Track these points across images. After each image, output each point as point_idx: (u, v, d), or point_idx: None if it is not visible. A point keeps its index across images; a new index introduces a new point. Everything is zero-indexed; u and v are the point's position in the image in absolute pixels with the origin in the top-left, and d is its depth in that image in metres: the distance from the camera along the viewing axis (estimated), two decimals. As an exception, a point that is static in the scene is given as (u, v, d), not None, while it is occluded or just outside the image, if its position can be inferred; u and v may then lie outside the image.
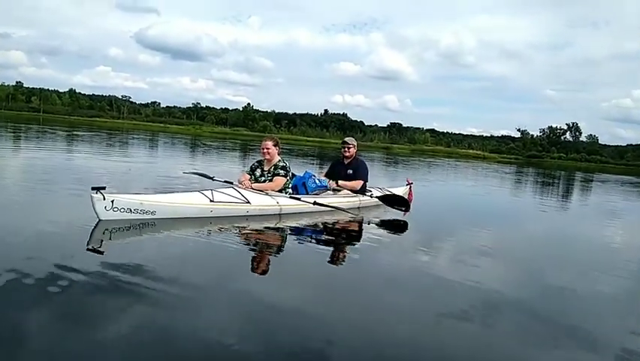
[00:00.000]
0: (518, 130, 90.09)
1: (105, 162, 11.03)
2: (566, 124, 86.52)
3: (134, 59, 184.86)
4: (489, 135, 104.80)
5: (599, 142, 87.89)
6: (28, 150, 12.33)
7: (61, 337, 2.10)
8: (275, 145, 5.48)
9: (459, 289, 3.39)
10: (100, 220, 4.02)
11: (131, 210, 4.19)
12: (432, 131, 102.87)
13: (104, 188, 4.05)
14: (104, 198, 4.02)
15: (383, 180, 10.06)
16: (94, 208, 4.01)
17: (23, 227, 3.90)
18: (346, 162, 6.48)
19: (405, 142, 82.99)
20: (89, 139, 20.76)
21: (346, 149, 6.42)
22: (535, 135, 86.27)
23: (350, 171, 6.35)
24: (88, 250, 3.43)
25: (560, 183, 20.91)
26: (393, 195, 6.65)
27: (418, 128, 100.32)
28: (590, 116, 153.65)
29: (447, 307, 2.98)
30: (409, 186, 7.61)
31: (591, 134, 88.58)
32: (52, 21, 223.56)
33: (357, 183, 6.28)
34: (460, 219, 7.19)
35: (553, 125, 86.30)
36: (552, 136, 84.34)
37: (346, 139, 6.60)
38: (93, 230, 3.86)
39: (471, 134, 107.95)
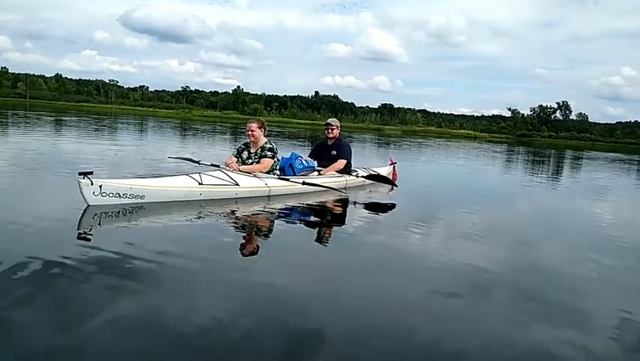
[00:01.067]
0: (509, 109, 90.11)
1: (93, 146, 10.91)
2: (556, 103, 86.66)
3: (120, 43, 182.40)
4: (480, 115, 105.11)
5: (589, 120, 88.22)
6: (15, 136, 12.15)
7: (53, 324, 2.09)
8: (260, 127, 5.46)
9: (448, 267, 3.42)
10: (88, 206, 3.99)
11: (119, 195, 4.16)
12: (423, 111, 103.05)
13: (91, 173, 4.02)
14: (92, 184, 3.99)
15: (374, 160, 10.05)
16: (82, 194, 3.97)
17: (11, 214, 3.85)
18: (330, 142, 6.57)
19: (396, 123, 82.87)
20: (76, 124, 20.47)
21: (329, 130, 6.52)
22: (525, 114, 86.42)
23: (334, 152, 6.44)
24: (78, 236, 3.40)
25: (550, 161, 21.06)
26: (379, 174, 6.80)
27: (410, 109, 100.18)
28: (579, 95, 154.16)
29: (437, 286, 3.01)
30: (392, 166, 7.75)
31: (581, 113, 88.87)
32: (36, 5, 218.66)
33: (340, 164, 6.34)
34: (449, 198, 7.24)
35: (544, 104, 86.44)
36: (542, 115, 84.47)
37: (329, 120, 6.74)
38: (82, 216, 3.84)
39: (462, 115, 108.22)
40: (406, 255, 3.76)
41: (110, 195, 4.10)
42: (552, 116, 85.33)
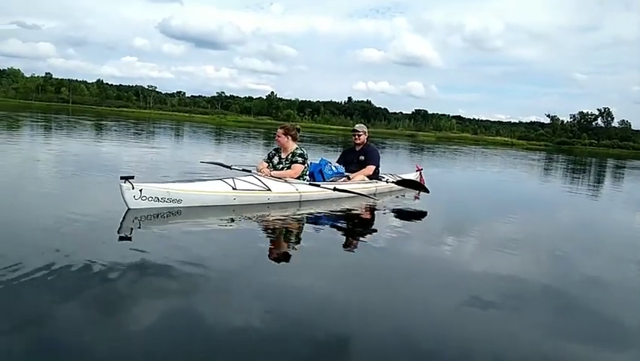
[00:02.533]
0: (548, 116, 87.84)
1: (131, 150, 11.29)
2: (597, 109, 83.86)
3: (158, 49, 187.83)
4: (517, 121, 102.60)
5: (632, 128, 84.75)
6: (59, 140, 12.72)
7: (93, 322, 2.18)
8: (285, 133, 5.54)
9: (483, 277, 3.37)
10: (129, 209, 4.13)
11: (158, 199, 4.30)
12: (458, 117, 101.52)
13: (132, 177, 4.16)
14: (133, 188, 4.13)
15: (404, 167, 9.98)
16: (123, 197, 4.12)
17: (56, 215, 4.02)
18: (357, 148, 6.61)
19: (430, 129, 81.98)
20: (116, 129, 21.22)
21: (357, 136, 6.58)
22: (565, 121, 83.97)
23: (362, 158, 6.47)
24: (119, 238, 3.55)
25: (590, 170, 20.36)
26: (409, 180, 6.83)
27: (444, 115, 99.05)
28: (621, 101, 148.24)
29: (471, 296, 2.95)
30: (419, 173, 7.72)
31: (624, 120, 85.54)
32: (78, 12, 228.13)
33: (369, 170, 6.35)
34: (483, 206, 7.12)
35: (584, 111, 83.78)
36: (583, 122, 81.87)
37: (356, 126, 6.79)
38: (123, 219, 3.97)
39: (498, 121, 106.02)
40: (439, 263, 3.73)
41: (150, 199, 4.25)
42: (593, 123, 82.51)
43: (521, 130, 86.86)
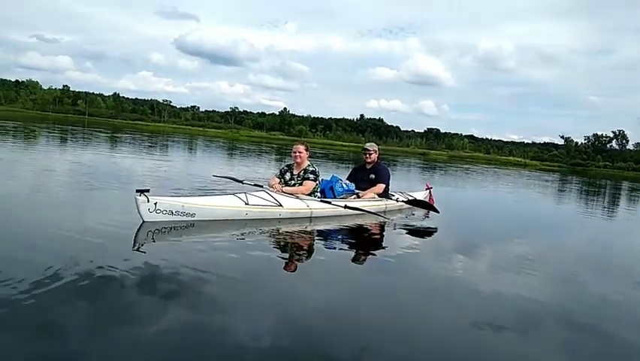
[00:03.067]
0: (562, 137, 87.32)
1: (145, 163, 11.45)
2: (612, 131, 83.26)
3: (174, 64, 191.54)
4: (530, 142, 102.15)
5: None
6: (75, 151, 12.97)
7: (106, 331, 2.22)
8: (306, 150, 5.63)
9: (494, 297, 3.36)
10: (144, 221, 4.20)
11: (172, 213, 4.37)
12: (471, 137, 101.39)
13: (147, 190, 4.24)
14: (148, 201, 4.20)
15: (414, 184, 9.98)
16: (138, 210, 4.19)
17: (72, 226, 4.08)
18: (368, 166, 6.65)
19: (442, 148, 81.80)
20: (131, 141, 21.54)
21: (367, 155, 6.62)
22: (579, 143, 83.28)
23: (372, 176, 6.51)
24: (134, 250, 3.61)
25: (605, 192, 20.12)
26: (419, 200, 6.86)
27: (456, 134, 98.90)
28: (636, 123, 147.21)
29: (481, 315, 2.94)
30: (428, 191, 7.73)
31: (639, 143, 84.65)
32: (96, 27, 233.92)
33: (379, 188, 6.39)
34: (494, 227, 7.09)
35: (599, 133, 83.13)
36: (597, 144, 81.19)
37: (366, 145, 6.82)
38: (138, 231, 4.04)
39: (511, 141, 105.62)
40: (448, 282, 3.72)
41: (164, 212, 4.32)
42: (607, 146, 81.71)
43: (534, 151, 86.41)
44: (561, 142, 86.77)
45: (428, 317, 2.91)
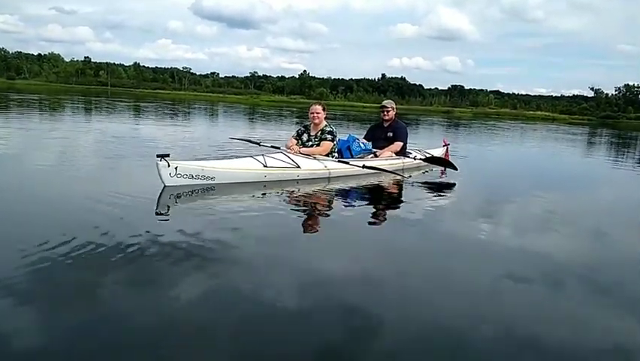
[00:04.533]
0: (592, 89, 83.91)
1: (167, 129, 11.60)
2: (645, 81, 79.37)
3: (192, 31, 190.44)
4: (559, 95, 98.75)
5: (683, 100, 79.92)
6: (100, 121, 13.23)
7: (132, 294, 2.29)
8: (323, 110, 5.63)
9: (519, 254, 3.31)
10: (165, 186, 4.30)
11: (192, 176, 4.46)
12: (496, 92, 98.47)
13: (168, 155, 4.32)
14: (169, 165, 4.29)
15: (437, 143, 9.87)
16: (159, 175, 4.28)
17: (95, 193, 4.17)
18: (386, 124, 6.59)
19: (467, 105, 79.93)
20: (153, 110, 21.77)
21: (385, 112, 6.55)
22: (610, 94, 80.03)
23: (390, 134, 6.47)
24: (156, 214, 3.72)
25: (636, 145, 19.48)
26: (437, 157, 6.86)
27: (482, 90, 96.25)
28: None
29: (507, 273, 2.90)
30: (445, 148, 7.70)
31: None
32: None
33: (397, 146, 6.36)
34: (518, 183, 6.97)
35: (630, 83, 79.46)
36: (629, 95, 77.75)
37: (384, 102, 6.77)
38: (160, 196, 4.14)
39: (539, 95, 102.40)
40: (470, 240, 3.64)
41: (185, 176, 4.41)
42: (639, 96, 78.29)
43: (563, 104, 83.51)
44: (591, 94, 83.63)
45: (449, 274, 2.88)
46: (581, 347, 2.14)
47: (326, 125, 5.63)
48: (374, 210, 4.64)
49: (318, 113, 5.56)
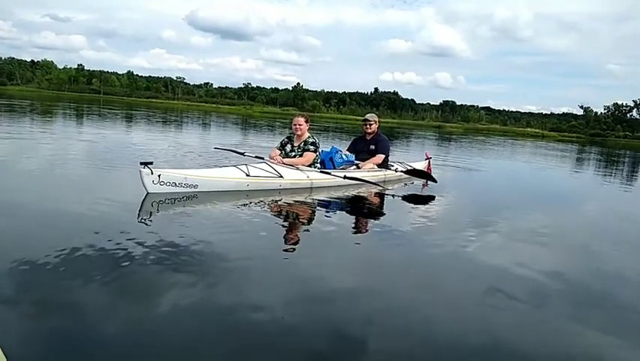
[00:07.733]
0: (581, 107, 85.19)
1: (155, 139, 11.60)
2: (633, 101, 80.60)
3: (186, 41, 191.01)
4: (549, 113, 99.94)
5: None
6: (92, 129, 13.20)
7: (111, 302, 2.28)
8: (306, 121, 5.74)
9: (505, 269, 3.30)
10: (148, 193, 4.34)
11: (175, 184, 4.51)
12: (487, 109, 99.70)
13: (151, 163, 4.37)
14: (152, 173, 4.34)
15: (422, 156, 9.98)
16: (142, 182, 4.33)
17: (79, 199, 4.23)
18: (368, 137, 6.74)
19: (458, 120, 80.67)
20: (146, 119, 21.75)
21: (367, 126, 6.72)
22: (599, 113, 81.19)
23: (372, 147, 6.62)
24: (138, 221, 3.73)
25: (624, 163, 19.75)
26: (418, 169, 6.96)
27: (473, 106, 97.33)
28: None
29: (493, 287, 2.89)
30: (427, 161, 7.81)
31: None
32: (108, 5, 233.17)
33: (379, 158, 6.48)
34: (504, 197, 7.11)
35: (619, 102, 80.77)
36: (617, 113, 78.98)
37: (367, 116, 6.89)
38: (142, 203, 4.17)
39: (529, 112, 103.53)
40: (450, 252, 3.64)
41: (168, 184, 4.46)
42: (628, 115, 79.54)
43: (552, 121, 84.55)
44: (580, 112, 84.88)
45: (432, 287, 2.88)
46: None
47: (309, 137, 5.73)
48: (355, 220, 4.71)
49: (300, 124, 5.67)
